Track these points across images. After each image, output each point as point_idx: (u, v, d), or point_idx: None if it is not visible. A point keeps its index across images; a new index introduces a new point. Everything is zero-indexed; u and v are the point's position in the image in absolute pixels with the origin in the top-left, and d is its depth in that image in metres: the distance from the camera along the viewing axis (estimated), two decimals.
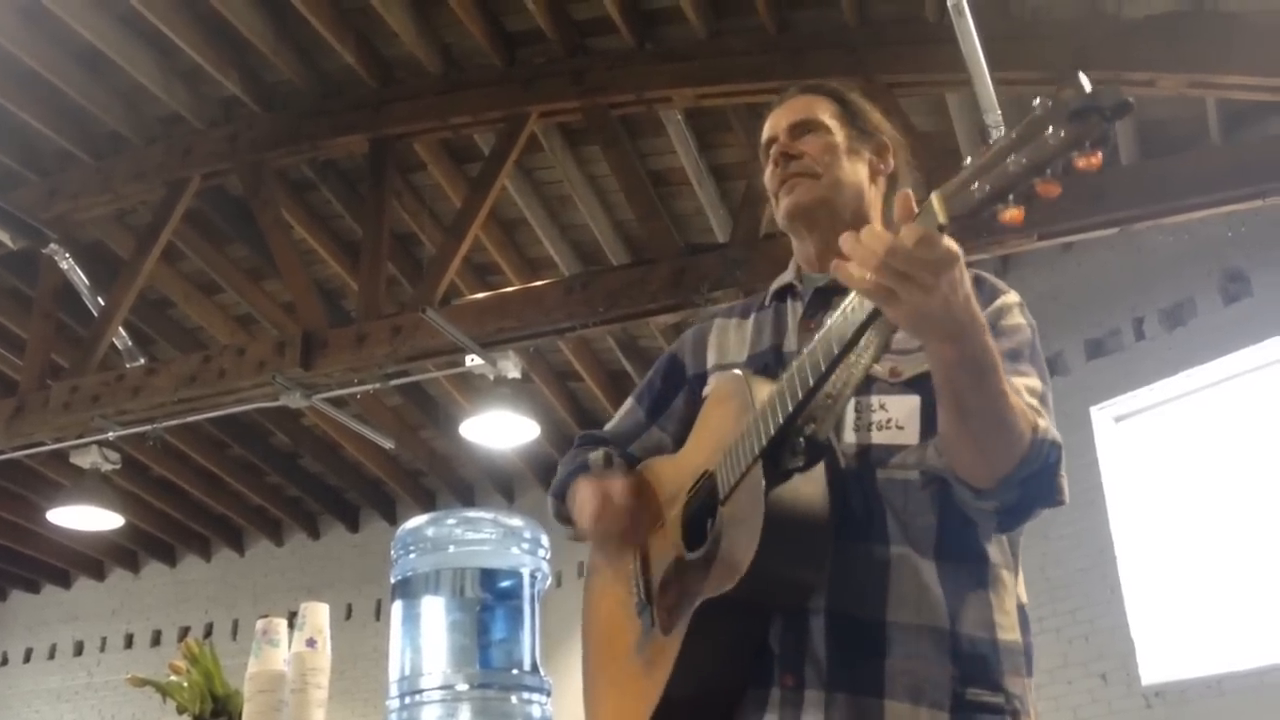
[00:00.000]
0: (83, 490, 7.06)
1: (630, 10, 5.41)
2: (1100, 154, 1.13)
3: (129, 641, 10.52)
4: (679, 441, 1.73)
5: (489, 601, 2.56)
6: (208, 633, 10.03)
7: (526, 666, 1.95)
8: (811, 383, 1.38)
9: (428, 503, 9.55)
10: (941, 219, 1.21)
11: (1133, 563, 6.25)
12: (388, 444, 7.62)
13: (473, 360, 5.83)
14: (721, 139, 6.11)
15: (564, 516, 1.84)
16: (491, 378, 5.97)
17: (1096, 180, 4.85)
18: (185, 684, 2.33)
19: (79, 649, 10.69)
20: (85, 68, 5.81)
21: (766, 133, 1.77)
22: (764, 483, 1.40)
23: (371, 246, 5.92)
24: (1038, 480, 1.38)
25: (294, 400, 5.90)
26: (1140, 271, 6.59)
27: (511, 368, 5.93)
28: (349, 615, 9.44)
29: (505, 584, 2.58)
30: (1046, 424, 1.39)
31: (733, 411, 1.53)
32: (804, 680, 1.44)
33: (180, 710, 2.33)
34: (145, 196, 6.41)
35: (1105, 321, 6.77)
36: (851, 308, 1.34)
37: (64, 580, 11.00)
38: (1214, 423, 6.17)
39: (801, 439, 1.44)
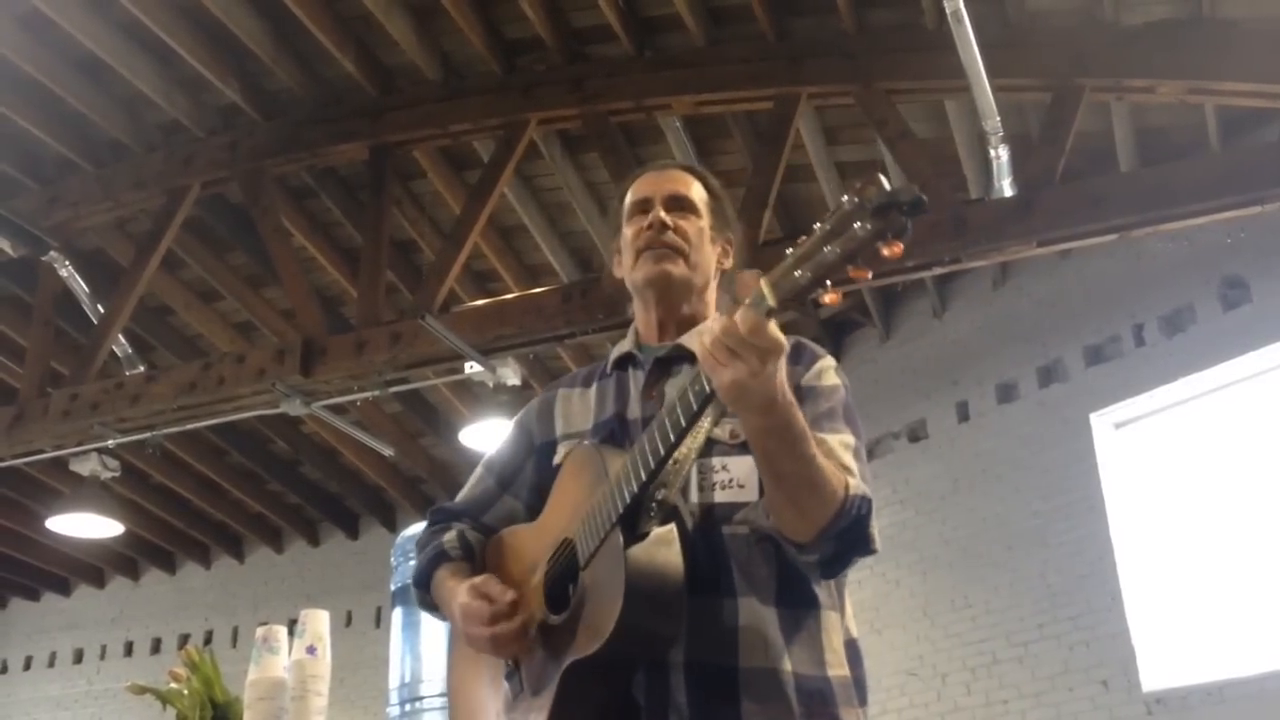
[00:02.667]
0: (82, 498, 7.07)
1: (629, 18, 5.42)
2: (901, 245, 1.23)
3: (129, 649, 10.51)
4: (532, 509, 1.80)
5: None
6: (208, 640, 10.01)
7: None
8: (663, 452, 1.48)
9: (427, 510, 9.53)
10: (771, 303, 1.32)
11: (1133, 569, 6.24)
12: (387, 451, 7.63)
13: (472, 367, 5.82)
14: (720, 146, 6.12)
15: (429, 605, 1.87)
16: (491, 385, 5.96)
17: (1096, 187, 4.87)
18: (185, 692, 2.33)
19: (79, 657, 10.67)
20: (86, 76, 5.82)
21: (642, 191, 1.89)
22: (623, 547, 1.48)
23: (371, 254, 5.92)
24: (850, 533, 1.51)
25: (294, 407, 5.90)
26: (1140, 278, 6.59)
27: (511, 375, 5.92)
28: (349, 622, 9.43)
29: None
30: (856, 481, 1.53)
31: (587, 481, 1.62)
32: None
33: (180, 718, 2.33)
34: (145, 204, 6.42)
35: (1105, 328, 6.76)
36: (696, 383, 1.44)
37: (64, 588, 11.00)
38: (1214, 429, 6.17)
39: (654, 504, 1.54)
